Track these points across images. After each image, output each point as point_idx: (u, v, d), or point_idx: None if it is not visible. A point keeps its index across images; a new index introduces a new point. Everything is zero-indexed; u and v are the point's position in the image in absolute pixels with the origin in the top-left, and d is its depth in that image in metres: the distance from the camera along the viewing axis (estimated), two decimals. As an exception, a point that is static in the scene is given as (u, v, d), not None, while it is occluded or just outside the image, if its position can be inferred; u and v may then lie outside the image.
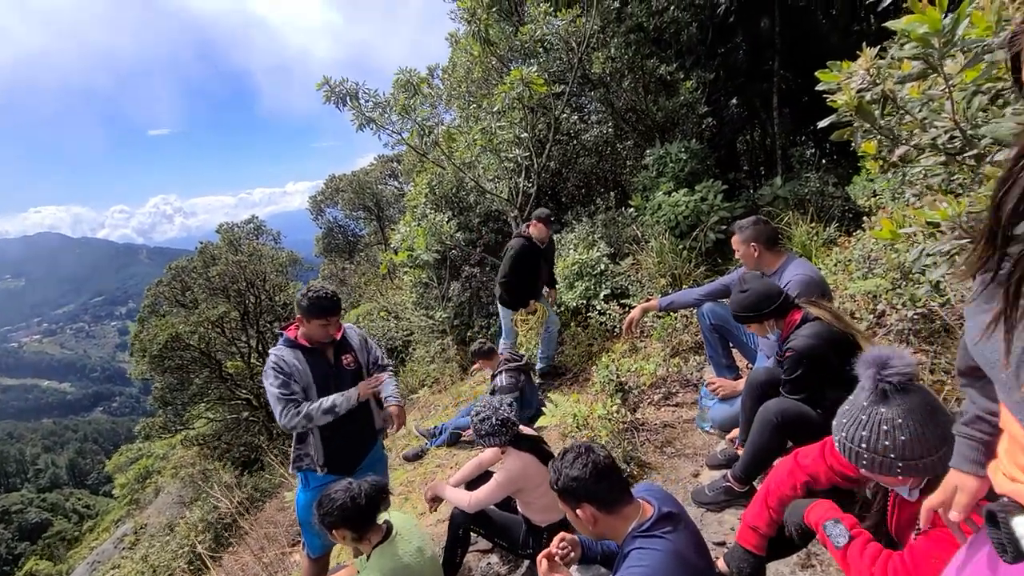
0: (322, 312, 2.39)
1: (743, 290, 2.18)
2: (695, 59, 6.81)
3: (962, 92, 1.47)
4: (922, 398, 1.20)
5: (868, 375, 1.22)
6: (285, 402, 2.33)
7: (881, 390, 1.21)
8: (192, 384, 12.00)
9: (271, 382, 2.34)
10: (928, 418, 1.17)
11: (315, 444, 2.45)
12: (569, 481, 1.45)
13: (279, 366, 2.36)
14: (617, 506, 1.45)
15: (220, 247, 13.34)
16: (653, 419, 3.25)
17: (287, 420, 2.31)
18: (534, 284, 4.52)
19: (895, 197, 3.67)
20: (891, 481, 1.27)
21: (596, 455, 1.47)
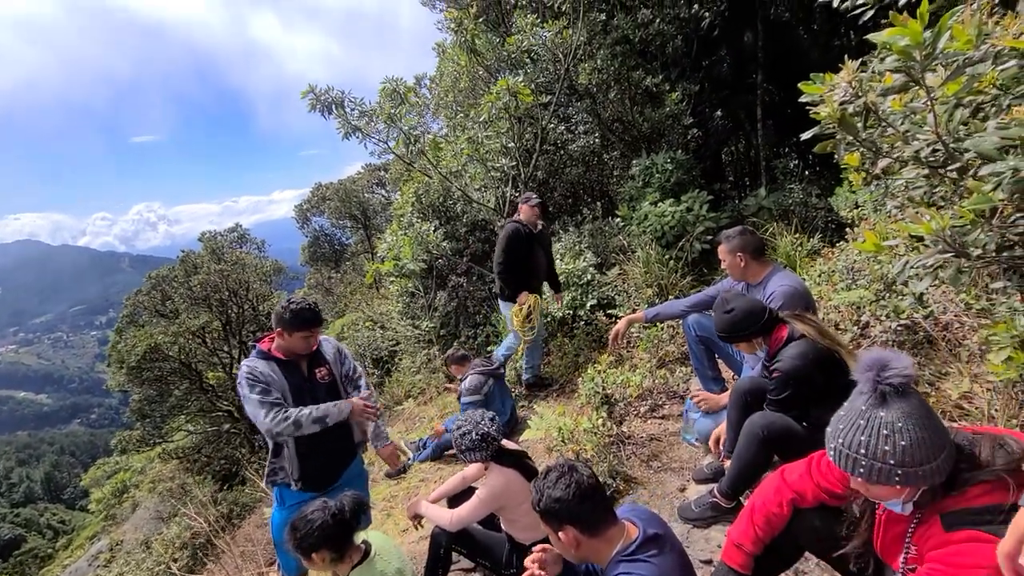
0: (305, 324, 2.32)
1: (727, 310, 2.14)
2: (680, 71, 6.89)
3: (943, 105, 1.47)
4: (919, 401, 1.16)
5: (867, 378, 1.17)
6: (270, 406, 2.23)
7: (880, 393, 1.16)
8: (171, 396, 11.72)
9: (248, 391, 2.25)
10: (927, 422, 1.13)
11: (290, 457, 2.36)
12: (551, 503, 1.40)
13: (253, 375, 2.28)
14: (601, 528, 1.40)
15: (202, 256, 13.11)
16: (639, 432, 3.21)
17: (274, 424, 2.20)
18: (531, 270, 4.32)
19: (877, 209, 3.70)
20: (885, 492, 1.21)
21: (579, 475, 1.42)
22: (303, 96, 5.95)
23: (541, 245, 4.34)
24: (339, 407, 2.34)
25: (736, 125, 8.23)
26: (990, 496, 1.11)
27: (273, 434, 2.24)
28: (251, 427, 12.07)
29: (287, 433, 2.24)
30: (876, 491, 1.22)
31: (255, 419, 2.25)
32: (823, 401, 2.01)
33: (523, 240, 4.15)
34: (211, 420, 12.30)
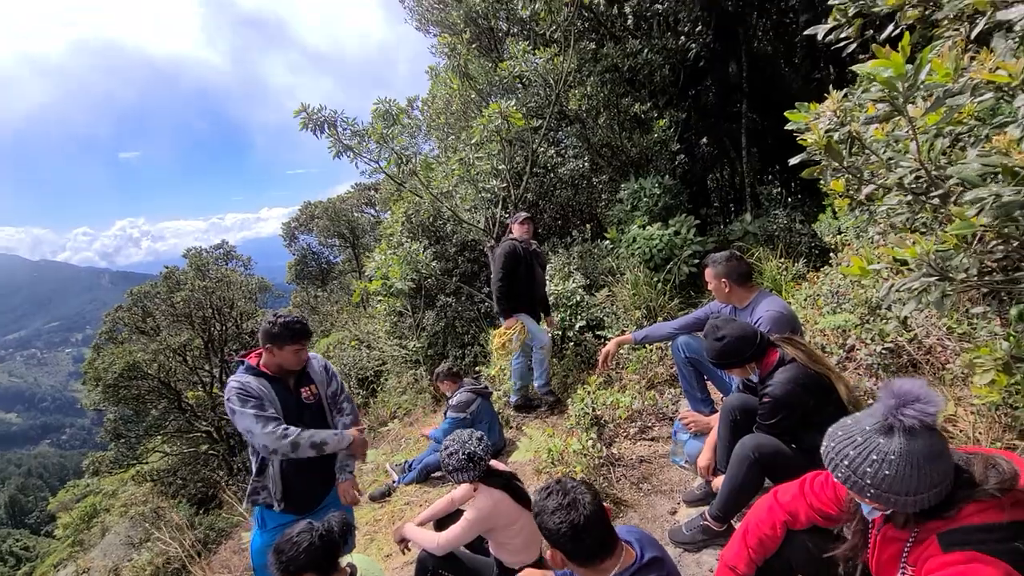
0: (296, 336, 2.29)
1: (718, 337, 2.14)
2: (668, 99, 7.07)
3: (924, 135, 1.53)
4: (927, 444, 1.14)
5: (885, 404, 1.17)
6: (266, 419, 2.17)
7: (889, 424, 1.17)
8: (148, 415, 11.39)
9: (240, 406, 2.18)
10: (922, 464, 1.13)
11: (274, 477, 2.29)
12: (544, 529, 1.39)
13: (245, 390, 2.21)
14: (595, 562, 1.38)
15: (187, 272, 12.93)
16: (629, 454, 3.19)
17: (273, 439, 2.13)
18: (530, 287, 4.25)
19: (859, 235, 3.80)
20: (858, 497, 1.26)
21: (577, 514, 1.36)
22: (296, 115, 5.98)
23: (539, 263, 4.33)
24: (339, 437, 2.31)
25: (721, 152, 8.44)
26: (984, 515, 1.12)
27: (269, 450, 2.17)
28: (230, 449, 11.74)
29: (282, 452, 2.17)
30: (851, 493, 1.27)
31: (249, 434, 2.17)
32: (813, 425, 2.03)
33: (520, 258, 4.13)
34: (189, 441, 11.96)
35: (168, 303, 11.47)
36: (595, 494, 1.43)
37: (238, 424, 2.19)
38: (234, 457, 11.32)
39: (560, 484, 1.45)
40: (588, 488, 1.44)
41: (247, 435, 2.19)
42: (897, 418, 1.15)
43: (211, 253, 14.16)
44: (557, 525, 1.36)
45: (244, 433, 2.21)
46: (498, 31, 8.12)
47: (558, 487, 1.44)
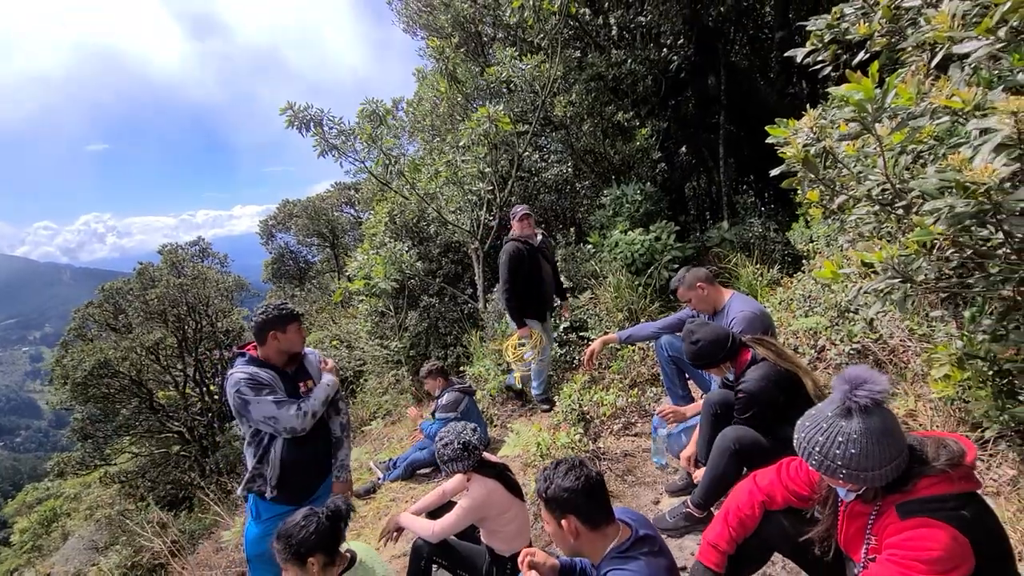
0: (295, 315, 2.38)
1: (694, 341, 2.30)
2: (649, 109, 7.29)
3: (890, 151, 1.69)
4: (881, 420, 1.31)
5: (840, 390, 1.33)
6: (288, 403, 2.24)
7: (847, 407, 1.32)
8: (118, 415, 11.05)
9: (254, 395, 2.20)
10: (881, 439, 1.29)
11: (273, 462, 2.32)
12: (560, 491, 1.47)
13: (256, 379, 2.24)
14: (601, 524, 1.48)
15: (161, 269, 12.61)
16: (614, 448, 3.31)
17: (299, 420, 2.23)
18: (539, 288, 4.13)
19: (830, 243, 4.02)
20: (832, 482, 1.41)
21: (589, 471, 1.50)
22: (282, 112, 5.98)
23: (545, 257, 4.18)
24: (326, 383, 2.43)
25: (700, 161, 8.71)
26: (936, 488, 1.28)
27: (299, 430, 2.24)
28: (202, 450, 11.49)
29: (308, 426, 2.26)
30: (826, 479, 1.43)
31: (272, 421, 2.21)
32: (785, 418, 2.18)
33: (524, 257, 4.01)
34: (159, 442, 11.65)
35: (142, 300, 11.18)
36: (598, 472, 1.55)
37: (254, 414, 2.20)
38: (206, 458, 11.08)
39: (564, 458, 1.57)
40: (592, 466, 1.56)
41: (267, 423, 2.21)
42: (852, 400, 1.31)
43: (187, 250, 13.85)
44: (574, 482, 1.46)
45: (262, 422, 2.22)
46: (485, 36, 8.24)
47: (563, 459, 1.56)
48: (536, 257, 4.09)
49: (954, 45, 1.45)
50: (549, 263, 4.25)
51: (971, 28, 1.43)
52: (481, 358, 6.14)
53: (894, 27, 1.89)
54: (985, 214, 1.21)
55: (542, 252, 4.16)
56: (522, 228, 4.08)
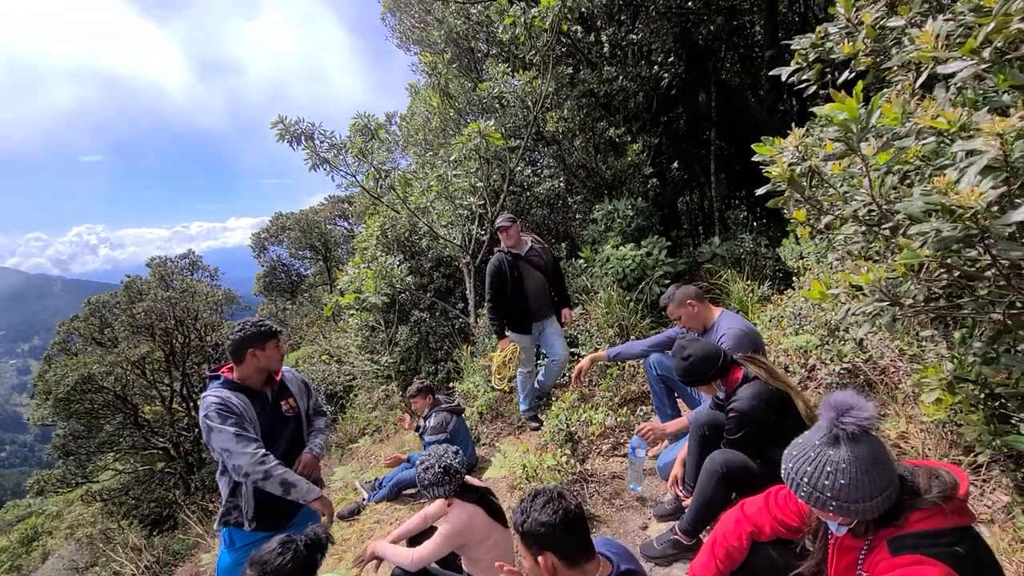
0: (273, 332, 2.29)
1: (684, 357, 2.25)
2: (641, 125, 7.33)
3: (876, 172, 1.66)
4: (870, 448, 1.26)
5: (827, 418, 1.28)
6: (248, 440, 2.11)
7: (834, 435, 1.27)
8: (101, 431, 10.82)
9: (220, 423, 2.11)
10: (870, 468, 1.24)
11: (246, 496, 2.24)
12: (536, 525, 1.39)
13: (227, 406, 2.15)
14: (579, 561, 1.41)
15: (149, 282, 12.47)
16: (602, 470, 3.24)
17: (249, 462, 2.07)
18: (521, 300, 3.99)
19: (819, 261, 4.00)
20: (823, 515, 1.36)
21: (568, 503, 1.42)
22: (272, 126, 5.95)
23: (533, 266, 4.03)
24: (310, 489, 2.24)
25: (691, 177, 8.75)
26: (929, 522, 1.22)
27: (242, 473, 2.11)
28: (188, 467, 11.26)
29: (254, 479, 2.12)
30: (816, 512, 1.37)
31: (227, 454, 2.10)
32: (775, 440, 2.13)
33: (505, 270, 3.94)
34: (144, 458, 11.41)
35: (128, 313, 11.02)
36: (579, 504, 1.48)
37: (214, 442, 2.12)
38: (192, 475, 10.85)
39: (542, 488, 1.50)
40: (573, 498, 1.49)
41: (223, 455, 2.12)
42: (840, 427, 1.25)
43: (176, 263, 13.71)
44: (551, 516, 1.39)
45: (219, 452, 2.13)
46: (478, 52, 8.29)
47: (542, 489, 1.49)
48: (520, 267, 3.99)
49: (939, 65, 1.43)
50: (541, 271, 4.07)
51: (955, 48, 1.41)
52: (471, 373, 6.06)
53: (878, 47, 1.88)
54: (972, 238, 1.17)
55: (530, 261, 4.04)
56: (505, 239, 4.01)
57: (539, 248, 4.17)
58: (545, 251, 4.19)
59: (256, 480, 2.13)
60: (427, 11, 8.29)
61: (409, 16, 8.77)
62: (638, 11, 7.28)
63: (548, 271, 4.14)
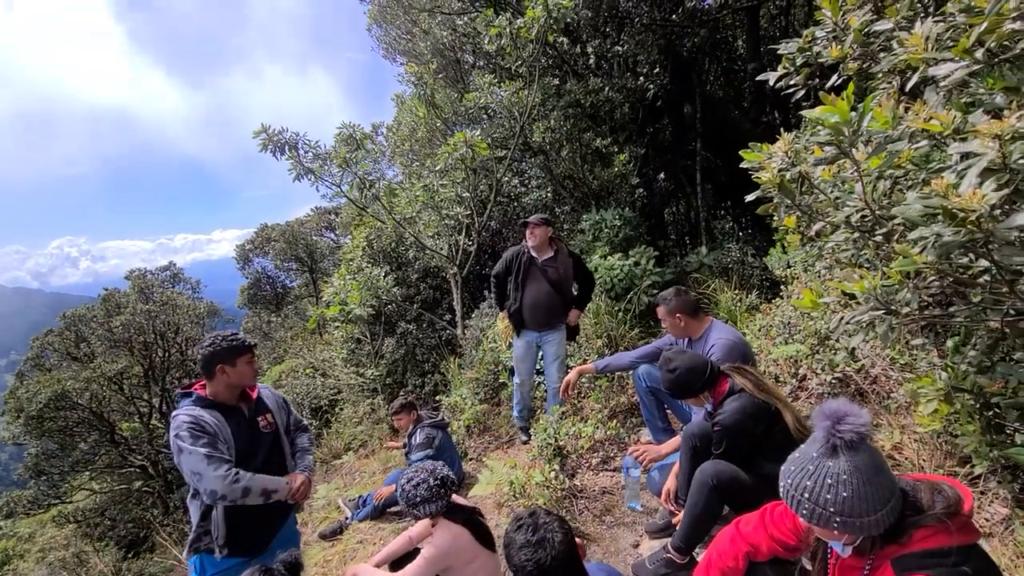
0: (246, 347, 2.19)
1: (671, 369, 2.21)
2: (627, 135, 7.35)
3: (868, 177, 1.63)
4: (870, 457, 1.20)
5: (822, 427, 1.22)
6: (220, 461, 2.00)
7: (832, 444, 1.21)
8: (76, 449, 10.44)
9: (191, 444, 1.99)
10: (872, 478, 1.18)
11: (217, 521, 2.11)
12: (509, 562, 1.33)
13: (199, 425, 2.04)
14: None
15: (128, 295, 12.16)
16: (592, 485, 3.15)
17: (226, 484, 1.97)
18: (522, 298, 3.84)
19: (807, 269, 3.99)
20: (827, 534, 1.28)
21: (546, 552, 1.32)
22: (255, 135, 5.86)
23: (544, 275, 3.81)
24: (289, 485, 2.21)
25: (678, 187, 8.79)
26: (934, 540, 1.16)
27: (217, 496, 1.99)
28: (167, 485, 10.91)
29: (231, 498, 2.00)
30: (818, 531, 1.29)
31: (198, 477, 1.98)
32: (763, 452, 2.07)
33: (513, 264, 3.84)
34: (121, 477, 11.03)
35: (106, 327, 10.71)
36: (567, 532, 1.39)
37: (184, 464, 2.00)
38: (171, 494, 10.52)
39: (533, 518, 1.41)
40: (561, 525, 1.39)
41: (193, 478, 2.00)
42: (837, 436, 1.20)
43: (156, 275, 13.41)
44: (523, 562, 1.32)
45: (190, 475, 2.01)
46: (464, 63, 8.30)
47: (530, 521, 1.40)
48: (529, 271, 3.81)
49: (930, 67, 1.40)
50: (551, 284, 3.81)
51: (946, 50, 1.38)
52: (459, 386, 5.95)
53: (866, 51, 1.86)
54: (975, 243, 1.13)
55: (543, 269, 3.81)
56: (533, 238, 3.79)
57: (558, 260, 3.87)
58: (566, 266, 3.88)
59: (235, 499, 2.02)
60: (413, 22, 8.29)
61: (395, 27, 8.76)
62: (623, 23, 7.34)
63: (561, 286, 3.86)
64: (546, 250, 3.84)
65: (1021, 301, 1.33)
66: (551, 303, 3.83)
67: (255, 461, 2.26)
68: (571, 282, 3.93)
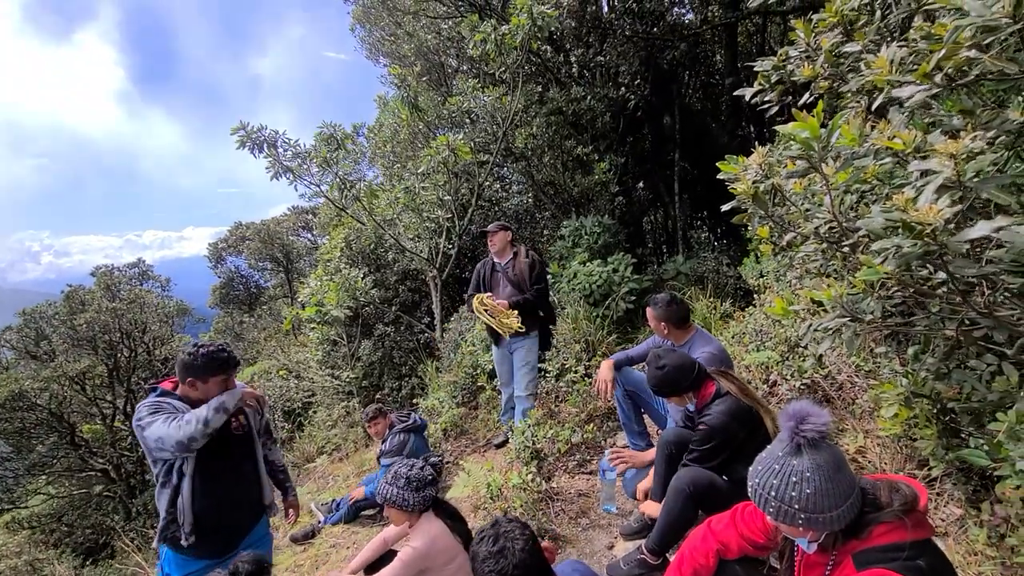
0: (221, 367, 2.11)
1: (659, 366, 2.25)
2: (608, 144, 7.47)
3: (836, 191, 1.71)
4: (831, 455, 1.28)
5: (787, 427, 1.29)
6: (174, 419, 1.97)
7: (796, 443, 1.28)
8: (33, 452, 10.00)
9: (149, 418, 1.98)
10: (833, 475, 1.25)
11: (183, 509, 2.06)
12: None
13: (159, 405, 2.04)
14: None
15: (94, 292, 11.74)
16: (568, 488, 3.18)
17: (185, 430, 1.92)
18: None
19: (778, 279, 4.12)
20: (793, 532, 1.34)
21: (507, 561, 1.33)
22: (233, 132, 5.76)
23: (507, 279, 3.83)
24: (232, 393, 2.11)
25: (656, 196, 8.97)
26: (891, 535, 1.23)
27: (187, 440, 1.93)
28: (129, 490, 10.53)
29: (199, 435, 1.94)
30: (784, 529, 1.35)
31: (160, 442, 1.94)
32: (741, 457, 2.13)
33: (479, 273, 3.96)
34: (80, 481, 10.60)
35: (69, 325, 10.31)
36: (529, 539, 1.39)
37: (149, 439, 1.95)
38: (134, 499, 10.16)
39: (494, 528, 1.41)
40: (523, 532, 1.39)
41: (159, 446, 1.96)
42: (800, 435, 1.27)
43: (124, 272, 12.99)
44: (486, 574, 1.34)
45: (155, 447, 1.97)
46: (448, 67, 8.32)
47: (491, 531, 1.40)
48: (494, 276, 3.88)
49: (894, 89, 1.49)
50: (515, 286, 3.80)
51: (909, 73, 1.47)
52: (436, 389, 5.93)
53: (836, 71, 1.95)
54: (932, 255, 1.20)
55: (504, 272, 3.84)
56: (492, 244, 3.88)
57: (516, 261, 3.87)
58: (522, 267, 3.86)
59: (201, 433, 1.96)
60: (397, 24, 8.29)
61: (379, 28, 8.74)
62: (606, 34, 7.48)
63: (521, 288, 3.82)
64: (506, 254, 3.92)
65: (974, 311, 1.41)
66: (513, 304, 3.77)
67: (229, 461, 2.22)
68: (527, 284, 3.86)
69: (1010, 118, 1.41)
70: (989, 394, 1.65)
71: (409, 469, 2.17)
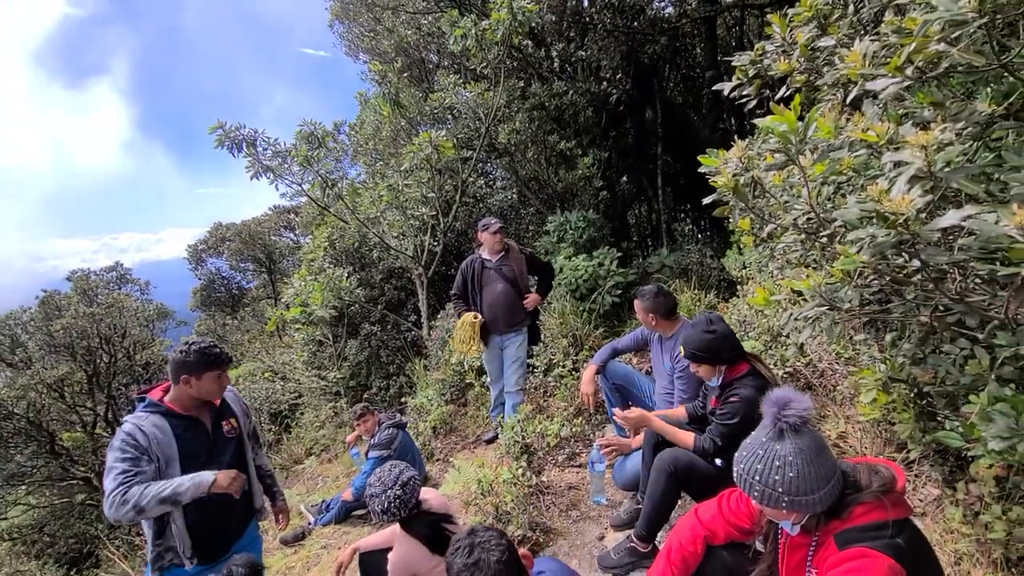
0: (217, 362, 2.09)
1: (710, 330, 2.20)
2: (591, 139, 7.50)
3: (813, 182, 1.74)
4: (812, 439, 1.32)
5: (770, 414, 1.33)
6: (118, 484, 1.88)
7: (779, 429, 1.32)
8: (11, 462, 9.74)
9: (116, 456, 1.92)
10: (815, 458, 1.29)
11: (179, 533, 2.04)
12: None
13: (133, 438, 1.96)
14: None
15: (70, 297, 11.46)
16: (558, 481, 3.21)
17: (111, 510, 1.85)
18: (480, 310, 3.91)
19: (760, 270, 4.19)
20: (777, 514, 1.38)
21: (482, 573, 1.31)
22: (211, 131, 5.67)
23: (501, 276, 3.87)
24: (196, 481, 1.97)
25: (640, 190, 9.03)
26: (872, 515, 1.28)
27: (110, 518, 1.89)
28: (114, 497, 10.33)
29: (125, 520, 1.88)
30: (768, 512, 1.39)
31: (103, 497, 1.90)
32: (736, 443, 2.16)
33: (467, 274, 3.93)
34: (61, 490, 10.36)
35: (45, 331, 10.05)
36: (505, 549, 1.37)
37: (105, 478, 1.92)
38: (118, 507, 9.96)
39: (469, 538, 1.39)
40: (499, 543, 1.37)
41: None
42: (783, 421, 1.31)
43: (101, 276, 12.69)
44: None
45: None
46: (429, 63, 8.27)
47: (467, 542, 1.38)
48: (485, 276, 3.89)
49: (867, 82, 1.52)
50: (510, 283, 3.87)
51: (881, 67, 1.50)
52: (425, 387, 5.92)
53: (811, 65, 1.98)
54: (904, 244, 1.24)
55: (498, 271, 3.87)
56: (486, 242, 3.90)
57: (511, 258, 3.94)
58: (519, 262, 3.96)
59: (129, 520, 1.89)
60: (377, 20, 8.20)
61: (358, 24, 8.64)
62: (586, 29, 7.49)
63: (517, 283, 3.92)
64: (497, 252, 3.93)
65: (947, 298, 1.45)
66: (508, 300, 3.89)
67: (220, 466, 2.20)
68: (526, 278, 4.03)
69: (978, 109, 1.45)
70: (962, 377, 1.71)
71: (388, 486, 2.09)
